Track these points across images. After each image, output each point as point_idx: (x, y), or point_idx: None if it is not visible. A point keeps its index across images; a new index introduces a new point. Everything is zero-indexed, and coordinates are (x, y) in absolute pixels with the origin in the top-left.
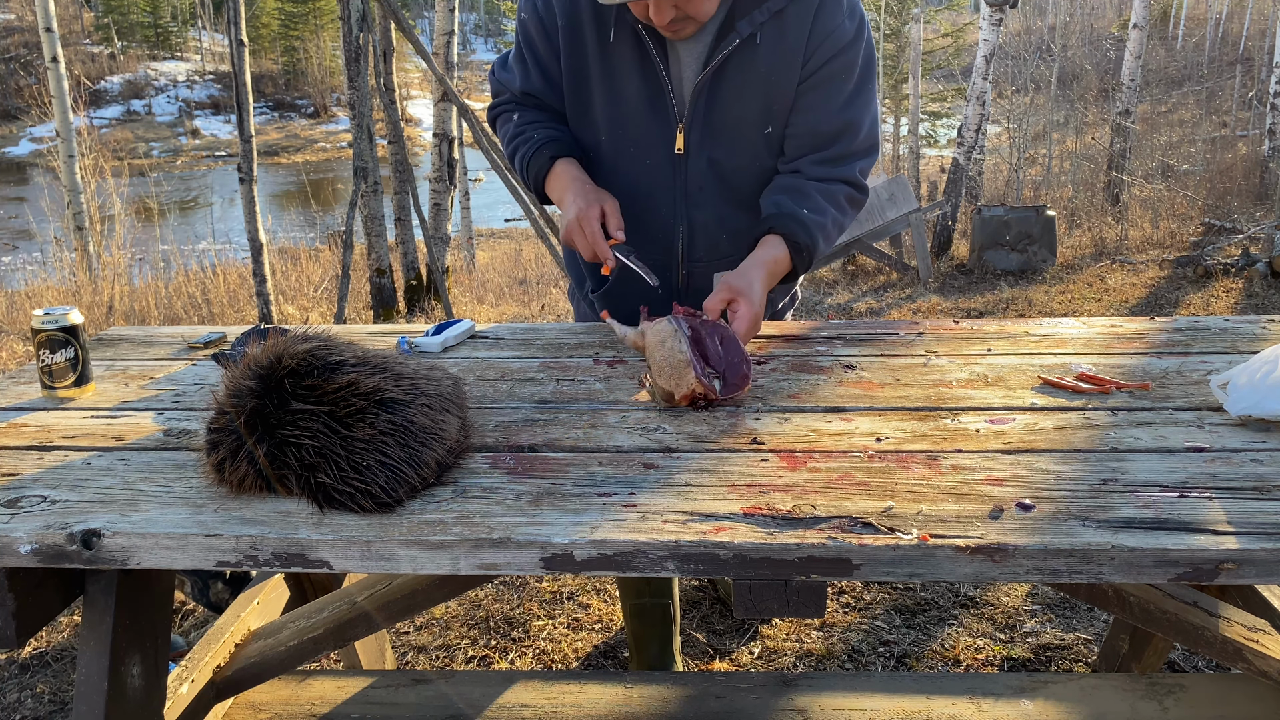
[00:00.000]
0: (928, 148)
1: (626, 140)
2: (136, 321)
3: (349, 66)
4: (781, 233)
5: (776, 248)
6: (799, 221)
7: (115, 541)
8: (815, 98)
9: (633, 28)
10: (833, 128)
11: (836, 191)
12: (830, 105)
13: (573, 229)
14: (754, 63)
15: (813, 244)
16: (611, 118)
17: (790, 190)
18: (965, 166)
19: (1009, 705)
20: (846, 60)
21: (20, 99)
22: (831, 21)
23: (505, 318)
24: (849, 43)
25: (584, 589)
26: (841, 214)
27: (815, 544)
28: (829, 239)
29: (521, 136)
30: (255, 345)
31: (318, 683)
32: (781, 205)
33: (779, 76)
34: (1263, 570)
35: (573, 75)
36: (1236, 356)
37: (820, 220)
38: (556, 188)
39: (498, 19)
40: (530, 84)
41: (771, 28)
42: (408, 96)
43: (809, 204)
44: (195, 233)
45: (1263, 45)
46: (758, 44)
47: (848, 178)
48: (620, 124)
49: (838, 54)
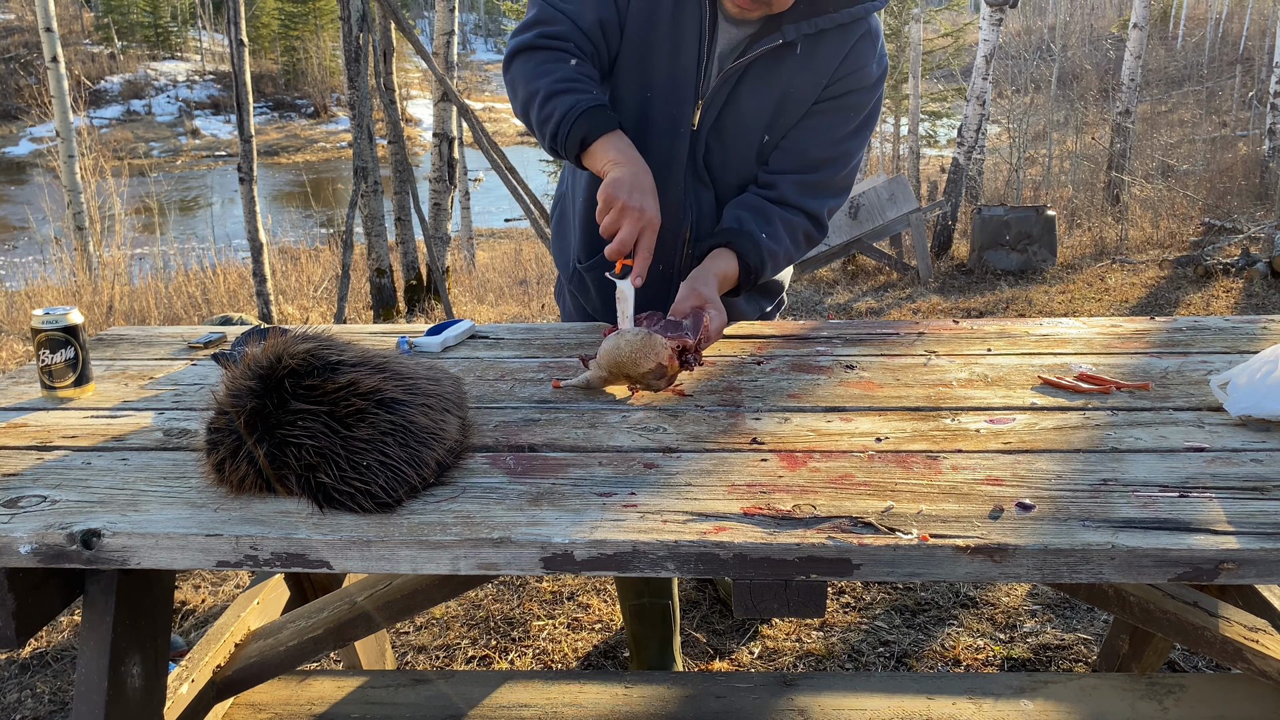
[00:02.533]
0: (928, 148)
1: (665, 105)
2: (136, 321)
3: (349, 66)
4: (737, 250)
5: (728, 263)
6: (756, 243)
7: (115, 541)
8: (820, 122)
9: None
10: (823, 156)
11: (798, 225)
12: (829, 134)
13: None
14: (781, 70)
15: (761, 269)
16: (661, 81)
17: (755, 210)
18: (965, 166)
19: (1009, 705)
20: (860, 100)
21: (20, 99)
22: (862, 59)
23: (505, 318)
24: (869, 85)
25: (584, 589)
26: (795, 248)
27: (815, 544)
28: (776, 269)
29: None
30: (255, 345)
31: (318, 683)
32: (743, 222)
33: (797, 92)
34: (1263, 570)
35: (640, 24)
36: (1236, 356)
37: (774, 249)
38: (618, 150)
39: (498, 19)
40: (604, 11)
41: (809, 44)
42: (408, 96)
43: (769, 229)
44: (196, 233)
45: (1263, 45)
46: (794, 54)
47: (814, 212)
48: (668, 88)
49: (855, 91)
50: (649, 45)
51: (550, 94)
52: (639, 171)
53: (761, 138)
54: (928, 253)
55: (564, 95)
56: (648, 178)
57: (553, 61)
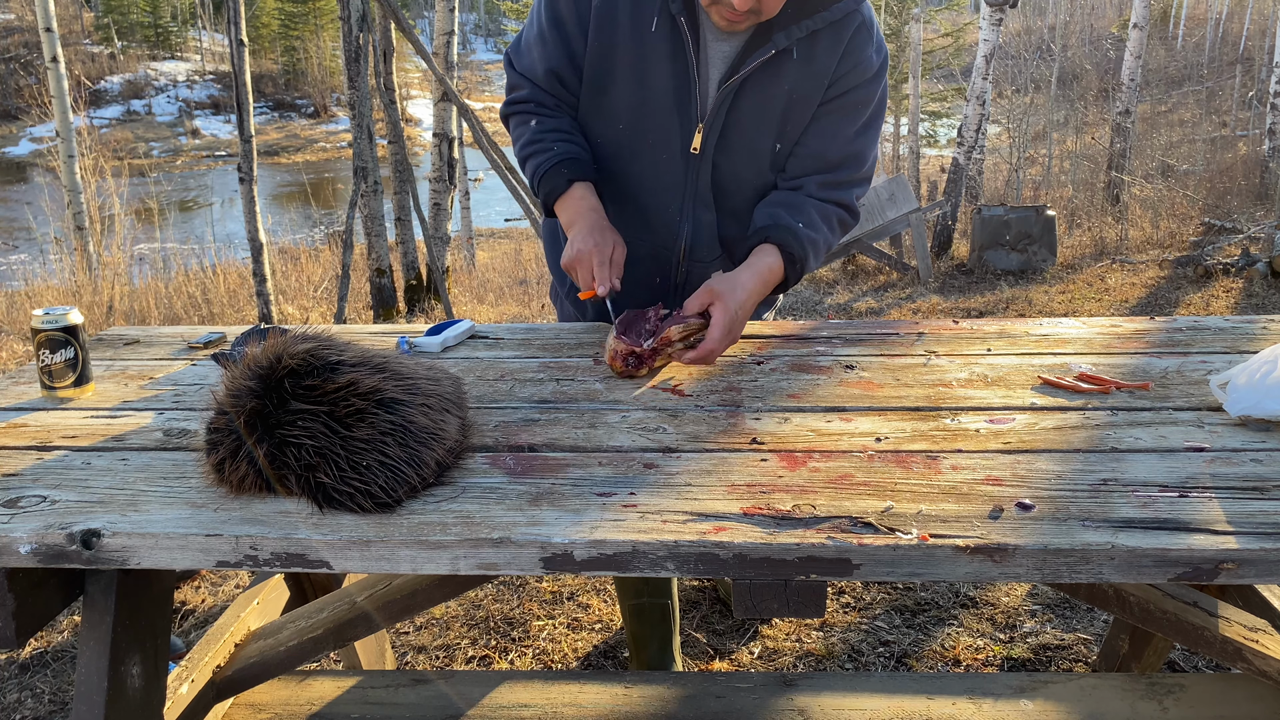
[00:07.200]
0: (928, 148)
1: (645, 132)
2: (136, 321)
3: (349, 66)
4: (777, 243)
5: (771, 257)
6: (794, 234)
7: (115, 541)
8: (830, 123)
9: (673, 19)
10: (840, 155)
11: (831, 213)
12: (843, 133)
13: (579, 260)
14: (780, 77)
15: (805, 258)
16: (633, 108)
17: (787, 205)
18: (965, 166)
19: (1009, 705)
20: (866, 93)
21: (20, 99)
22: (860, 53)
23: (505, 318)
24: (872, 76)
25: (584, 589)
26: (832, 234)
27: (815, 544)
28: (818, 256)
29: (539, 145)
30: (255, 345)
31: (318, 683)
32: (778, 217)
33: (800, 95)
34: (1263, 570)
35: (598, 58)
36: (1236, 356)
37: (814, 236)
38: (569, 211)
39: (498, 19)
40: (553, 61)
41: (804, 46)
42: (408, 96)
43: (804, 219)
44: (195, 233)
45: (1263, 45)
46: (791, 59)
47: (845, 202)
48: (641, 115)
49: (860, 85)
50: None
51: (521, 161)
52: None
53: (773, 147)
54: (928, 253)
55: (529, 160)
56: (594, 216)
57: (520, 125)
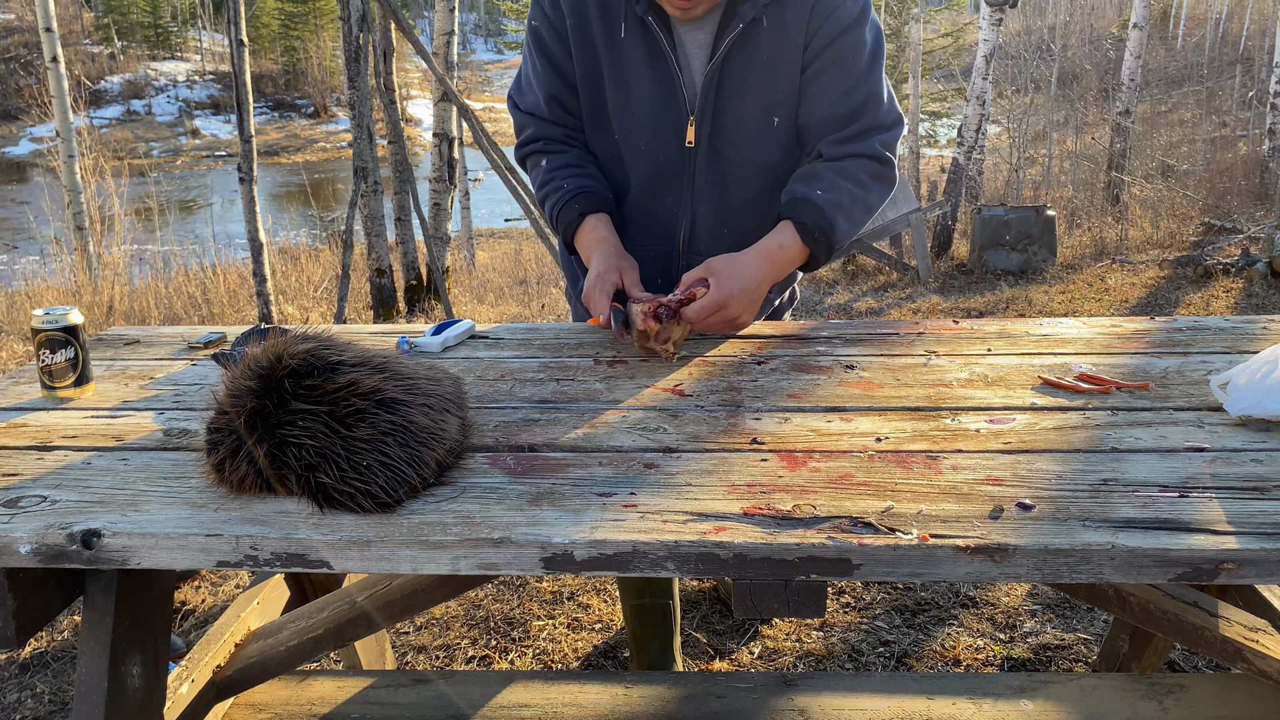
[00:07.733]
0: (928, 148)
1: (639, 137)
2: (136, 321)
3: (349, 66)
4: (789, 216)
5: (784, 234)
6: (809, 203)
7: (115, 541)
8: (824, 83)
9: (641, 20)
10: (845, 110)
11: (852, 168)
12: (839, 88)
13: (587, 295)
14: (755, 49)
15: (827, 224)
16: (624, 115)
17: (802, 177)
18: (965, 166)
19: (1009, 705)
20: (851, 41)
21: (20, 99)
22: (831, 3)
23: (505, 318)
24: (852, 23)
25: (584, 589)
26: (863, 189)
27: (815, 544)
28: (851, 217)
29: (550, 185)
30: (255, 345)
31: (318, 683)
32: (794, 191)
33: (780, 62)
34: (1263, 570)
35: (585, 75)
36: (1236, 356)
37: (834, 199)
38: (585, 246)
39: (498, 19)
40: (551, 88)
41: (773, 12)
42: (408, 96)
43: (820, 184)
44: (195, 233)
45: (1263, 45)
46: (761, 28)
47: (866, 152)
48: (633, 121)
49: (840, 34)
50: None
51: (539, 203)
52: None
53: (770, 122)
54: (928, 253)
55: (545, 202)
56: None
57: (534, 167)
